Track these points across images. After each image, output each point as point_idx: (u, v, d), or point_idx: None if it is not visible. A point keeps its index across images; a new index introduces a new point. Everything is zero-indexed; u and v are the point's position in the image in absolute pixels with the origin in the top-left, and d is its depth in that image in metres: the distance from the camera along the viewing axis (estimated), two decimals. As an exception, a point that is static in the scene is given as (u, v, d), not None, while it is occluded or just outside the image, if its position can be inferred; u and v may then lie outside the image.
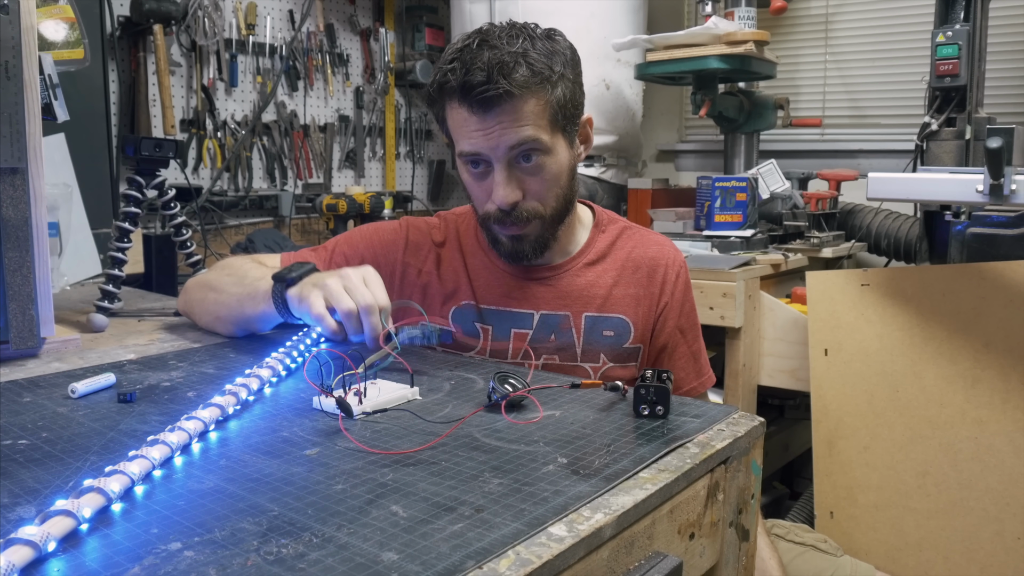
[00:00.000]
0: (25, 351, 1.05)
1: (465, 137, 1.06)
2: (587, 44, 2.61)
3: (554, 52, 1.06)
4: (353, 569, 0.49)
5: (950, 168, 1.83)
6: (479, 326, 1.17)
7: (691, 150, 3.20)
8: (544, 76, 1.03)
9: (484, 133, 1.04)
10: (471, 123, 1.04)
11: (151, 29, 2.46)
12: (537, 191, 1.08)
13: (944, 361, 1.70)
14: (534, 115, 1.04)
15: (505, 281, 1.18)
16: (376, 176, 3.31)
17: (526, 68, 1.02)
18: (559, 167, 1.09)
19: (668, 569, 0.61)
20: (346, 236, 1.27)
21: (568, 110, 1.08)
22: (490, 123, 1.03)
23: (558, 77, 1.05)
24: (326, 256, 1.23)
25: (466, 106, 1.03)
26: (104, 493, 0.56)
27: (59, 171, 1.70)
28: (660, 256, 1.21)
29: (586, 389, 0.88)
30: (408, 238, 1.23)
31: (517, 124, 1.03)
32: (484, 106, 1.02)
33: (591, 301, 1.17)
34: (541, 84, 1.03)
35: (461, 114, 1.05)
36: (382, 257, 1.22)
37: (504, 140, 1.03)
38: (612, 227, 1.23)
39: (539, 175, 1.07)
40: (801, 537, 1.37)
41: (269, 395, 0.87)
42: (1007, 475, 1.61)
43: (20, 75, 0.99)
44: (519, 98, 1.02)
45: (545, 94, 1.04)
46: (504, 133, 1.03)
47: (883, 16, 2.73)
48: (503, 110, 1.02)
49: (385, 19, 3.27)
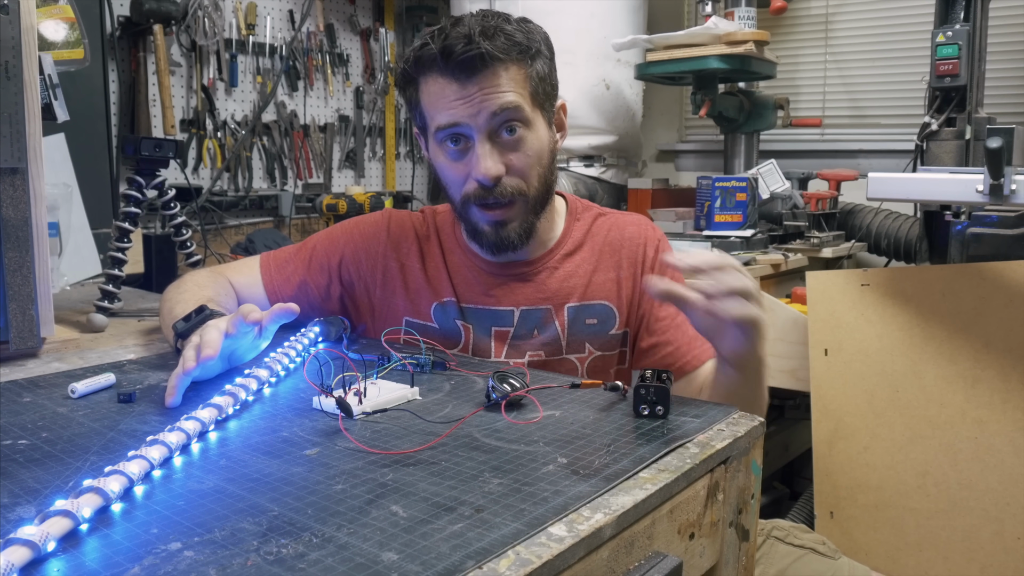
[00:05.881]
0: (25, 351, 1.05)
1: (444, 109, 1.02)
2: (587, 44, 2.64)
3: (531, 31, 1.05)
4: (353, 569, 0.49)
5: (950, 168, 1.83)
6: (460, 324, 1.15)
7: (691, 150, 3.20)
8: (523, 47, 1.02)
9: (465, 101, 1.00)
10: (450, 92, 1.01)
11: (151, 29, 2.47)
12: (520, 167, 1.05)
13: (944, 361, 1.70)
14: (515, 83, 1.02)
15: (483, 279, 1.16)
16: (376, 176, 3.31)
17: (505, 38, 1.00)
18: (540, 144, 1.06)
19: (668, 569, 0.61)
20: (327, 233, 1.25)
21: (547, 87, 1.07)
22: (471, 90, 1.00)
23: (536, 51, 1.04)
24: (306, 256, 1.21)
25: (446, 74, 1.00)
26: (103, 493, 0.56)
27: (59, 171, 1.70)
28: (637, 235, 1.18)
29: (586, 389, 0.88)
30: (390, 230, 1.21)
31: (499, 90, 1.00)
32: (465, 70, 0.99)
33: (572, 291, 1.15)
34: (521, 54, 1.02)
35: (439, 84, 1.02)
36: (362, 252, 1.20)
37: (486, 106, 1.00)
38: (587, 214, 1.21)
39: (521, 149, 1.04)
40: (800, 539, 1.37)
41: (269, 395, 0.87)
42: (1007, 475, 1.61)
43: (20, 75, 0.99)
44: (500, 63, 1.00)
45: (525, 65, 1.03)
46: (486, 99, 1.00)
47: (883, 16, 2.73)
48: (484, 76, 1.00)
49: (385, 19, 3.27)
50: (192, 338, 0.90)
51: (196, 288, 1.12)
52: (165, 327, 1.07)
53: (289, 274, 1.20)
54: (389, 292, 1.19)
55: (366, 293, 1.20)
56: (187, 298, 1.07)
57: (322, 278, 1.20)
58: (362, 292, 1.21)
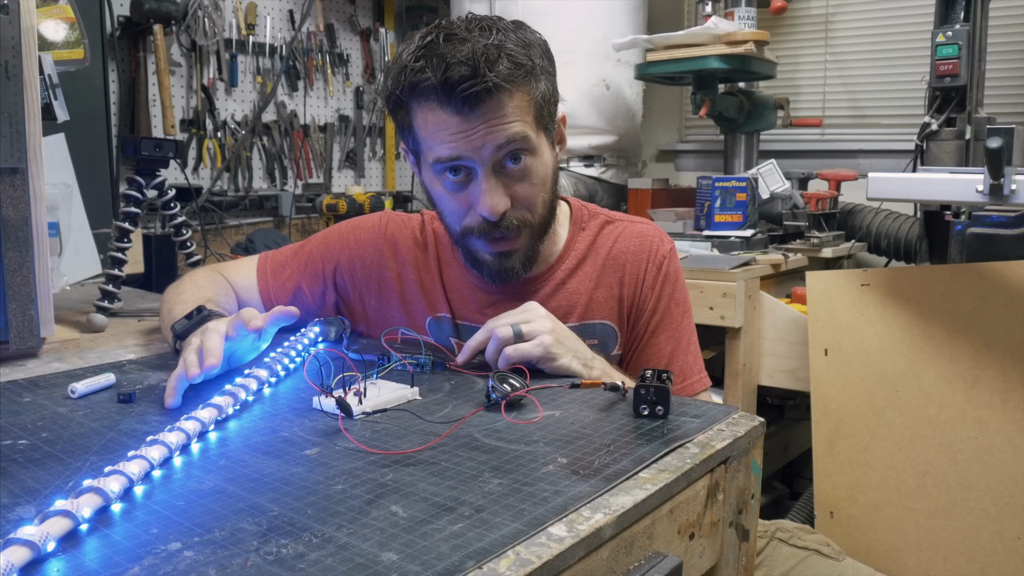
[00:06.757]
0: (25, 351, 1.05)
1: (444, 142, 0.95)
2: (587, 44, 2.63)
3: (530, 44, 0.97)
4: (353, 569, 0.49)
5: (950, 168, 1.83)
6: (454, 341, 1.12)
7: (691, 150, 3.20)
8: (527, 69, 0.95)
9: (467, 135, 0.93)
10: (451, 125, 0.93)
11: (151, 29, 2.47)
12: (525, 197, 0.99)
13: (944, 361, 1.70)
14: (520, 111, 0.95)
15: (479, 296, 1.11)
16: (376, 176, 3.31)
17: (508, 61, 0.92)
18: (545, 169, 1.01)
19: (668, 569, 0.61)
20: (323, 236, 1.21)
21: (550, 107, 1.01)
22: (474, 123, 0.93)
23: (540, 70, 0.97)
24: (302, 260, 1.19)
25: (447, 107, 0.93)
26: (103, 493, 0.56)
27: (59, 171, 1.70)
28: (640, 250, 1.11)
29: (586, 389, 0.88)
30: (387, 237, 1.17)
31: (504, 121, 0.93)
32: (469, 104, 0.91)
33: (572, 310, 1.09)
34: (525, 77, 0.95)
35: (438, 116, 0.94)
36: (357, 260, 1.17)
37: (491, 140, 0.94)
38: (592, 223, 1.14)
39: (527, 179, 0.99)
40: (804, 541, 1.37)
41: (269, 395, 0.87)
42: (1007, 475, 1.61)
43: (20, 75, 0.99)
44: (505, 93, 0.93)
45: (529, 88, 0.96)
46: (491, 132, 0.93)
47: (883, 16, 2.73)
48: (489, 107, 0.92)
49: (385, 19, 3.27)
50: (192, 340, 0.90)
51: (195, 288, 1.11)
52: (164, 328, 1.06)
53: (285, 279, 1.19)
54: (384, 302, 1.17)
55: (360, 302, 1.18)
56: (186, 299, 1.06)
57: (317, 284, 1.18)
58: (356, 300, 1.19)
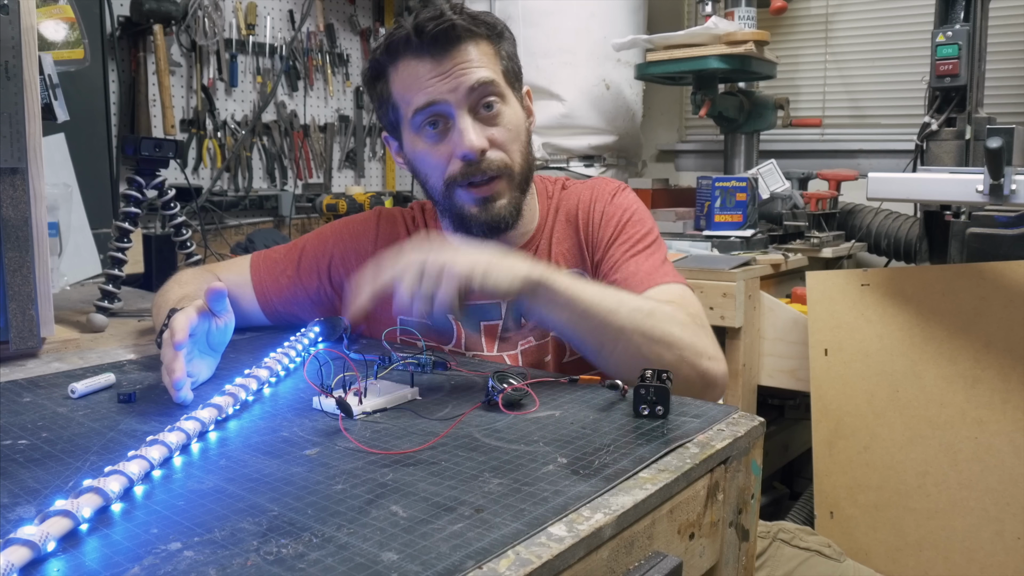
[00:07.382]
0: (25, 351, 1.05)
1: (420, 89, 1.03)
2: (587, 44, 2.64)
3: (495, 17, 1.09)
4: (353, 569, 0.49)
5: (950, 168, 1.83)
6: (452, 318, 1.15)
7: (691, 150, 3.20)
8: (491, 26, 1.06)
9: (441, 77, 1.02)
10: (424, 71, 1.02)
11: (151, 29, 2.47)
12: (502, 140, 1.05)
13: (944, 361, 1.70)
14: (488, 58, 1.05)
15: None
16: (376, 176, 3.31)
17: (472, 17, 1.04)
18: (518, 119, 1.08)
19: (668, 569, 0.61)
20: (317, 233, 1.24)
21: (516, 68, 1.10)
22: (446, 65, 1.02)
23: (505, 36, 1.08)
24: (295, 257, 1.20)
25: (420, 53, 1.02)
26: (103, 493, 0.56)
27: (59, 171, 1.70)
28: (591, 195, 1.16)
29: (585, 389, 0.88)
30: (379, 228, 1.20)
31: (474, 64, 1.03)
32: (439, 45, 1.01)
33: None
34: (490, 34, 1.06)
35: (412, 69, 1.03)
36: (352, 252, 1.19)
37: (463, 81, 1.02)
38: (554, 189, 1.21)
39: (502, 124, 1.05)
40: (805, 541, 1.37)
41: (269, 395, 0.87)
42: (1007, 475, 1.61)
43: (20, 75, 0.99)
44: (472, 39, 1.03)
45: (494, 46, 1.06)
46: (463, 73, 1.02)
47: (883, 16, 2.73)
48: (458, 51, 1.02)
49: (385, 19, 3.27)
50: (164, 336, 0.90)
51: (177, 287, 1.13)
52: (156, 322, 1.07)
53: (278, 275, 1.20)
54: None
55: None
56: (169, 298, 1.08)
57: (311, 280, 1.19)
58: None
